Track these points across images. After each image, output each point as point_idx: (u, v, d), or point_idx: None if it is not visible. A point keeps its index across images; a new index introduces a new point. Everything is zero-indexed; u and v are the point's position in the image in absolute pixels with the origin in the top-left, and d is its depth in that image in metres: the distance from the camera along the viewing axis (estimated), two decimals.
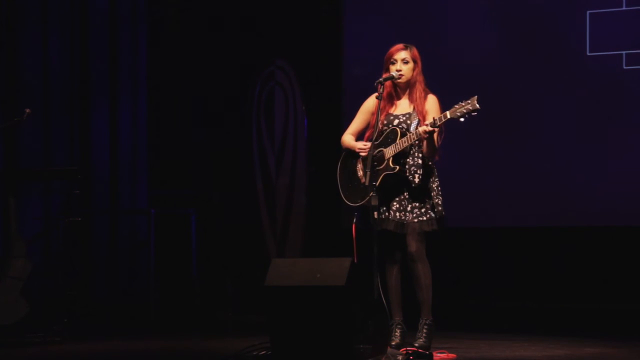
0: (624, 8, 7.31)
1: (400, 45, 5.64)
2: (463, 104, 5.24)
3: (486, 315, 7.51)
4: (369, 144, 5.44)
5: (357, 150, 5.63)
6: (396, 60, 5.60)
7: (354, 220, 5.58)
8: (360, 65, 7.95)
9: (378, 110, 5.43)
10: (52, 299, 7.09)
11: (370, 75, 5.85)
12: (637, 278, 7.28)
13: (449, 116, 5.27)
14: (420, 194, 5.53)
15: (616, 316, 7.19)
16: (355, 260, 5.11)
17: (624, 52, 7.30)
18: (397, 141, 5.46)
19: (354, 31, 8.21)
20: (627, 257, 7.36)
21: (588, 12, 7.42)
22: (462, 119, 5.24)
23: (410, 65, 5.60)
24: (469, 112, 5.21)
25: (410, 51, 5.62)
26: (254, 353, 5.19)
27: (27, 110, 6.81)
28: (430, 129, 5.31)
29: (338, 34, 8.29)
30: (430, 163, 5.58)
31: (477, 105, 5.19)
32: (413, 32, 7.78)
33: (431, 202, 5.53)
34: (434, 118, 5.34)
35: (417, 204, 5.52)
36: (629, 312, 7.17)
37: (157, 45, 8.67)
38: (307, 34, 8.39)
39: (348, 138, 5.77)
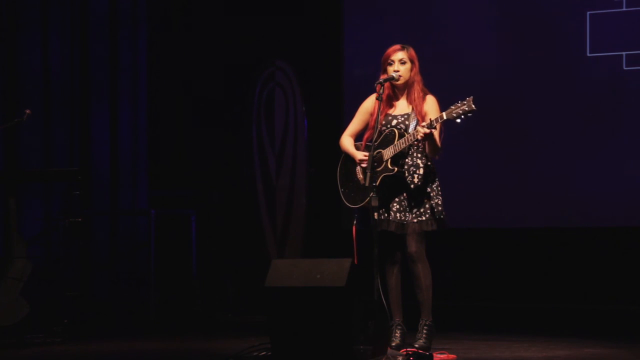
0: (624, 9, 7.32)
1: (397, 46, 5.63)
2: (459, 104, 5.25)
3: (486, 315, 7.51)
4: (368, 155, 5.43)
5: (358, 161, 5.62)
6: (393, 61, 5.59)
7: (354, 222, 5.58)
8: (360, 65, 7.95)
9: (378, 111, 5.43)
10: (52, 300, 7.09)
11: (370, 75, 5.85)
12: (638, 279, 7.28)
13: (445, 117, 5.28)
14: (420, 195, 5.53)
15: (616, 317, 7.19)
16: (356, 262, 5.10)
17: (624, 52, 7.30)
18: (396, 142, 5.46)
19: (354, 31, 8.21)
20: (627, 258, 7.36)
21: (588, 12, 7.43)
22: (458, 120, 5.25)
23: (408, 65, 5.60)
24: (465, 113, 5.22)
25: (407, 51, 5.61)
26: (254, 354, 5.20)
27: (28, 111, 6.81)
28: (428, 130, 5.31)
29: (338, 35, 8.29)
30: (429, 163, 5.57)
31: (473, 106, 5.20)
32: (413, 32, 7.79)
33: (431, 202, 5.53)
34: (430, 119, 5.34)
35: (417, 205, 5.52)
36: (629, 313, 7.17)
37: (157, 45, 8.67)
38: (307, 34, 8.40)
39: (347, 141, 5.76)
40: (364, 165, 5.55)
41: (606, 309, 7.28)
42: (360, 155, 5.61)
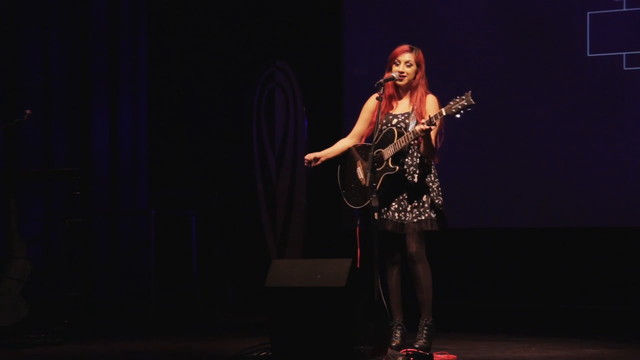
0: (624, 9, 7.32)
1: (406, 47, 5.59)
2: (458, 99, 5.23)
3: (486, 315, 7.51)
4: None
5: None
6: (400, 62, 5.57)
7: (357, 223, 5.56)
8: (361, 66, 7.95)
9: (378, 111, 5.42)
10: (52, 300, 7.09)
11: (370, 75, 5.85)
12: (638, 279, 7.28)
13: (444, 113, 5.26)
14: (420, 194, 5.52)
15: (616, 317, 7.19)
16: (359, 266, 5.09)
17: (624, 53, 7.31)
18: (395, 141, 5.45)
19: (354, 32, 8.21)
20: (627, 258, 7.37)
21: (588, 13, 7.43)
22: (457, 115, 5.22)
23: (414, 68, 5.57)
24: (464, 108, 5.20)
25: (415, 54, 5.58)
26: (255, 354, 5.20)
27: (28, 111, 6.81)
28: (427, 127, 5.30)
29: (338, 35, 8.30)
30: (429, 163, 5.57)
31: (472, 100, 5.17)
32: (413, 32, 7.79)
33: (431, 202, 5.52)
34: (430, 116, 5.32)
35: (417, 204, 5.52)
36: (629, 313, 7.17)
37: (157, 45, 8.67)
38: (307, 34, 8.40)
39: (340, 140, 5.78)
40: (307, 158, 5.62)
41: (606, 309, 7.29)
42: (311, 155, 5.66)
